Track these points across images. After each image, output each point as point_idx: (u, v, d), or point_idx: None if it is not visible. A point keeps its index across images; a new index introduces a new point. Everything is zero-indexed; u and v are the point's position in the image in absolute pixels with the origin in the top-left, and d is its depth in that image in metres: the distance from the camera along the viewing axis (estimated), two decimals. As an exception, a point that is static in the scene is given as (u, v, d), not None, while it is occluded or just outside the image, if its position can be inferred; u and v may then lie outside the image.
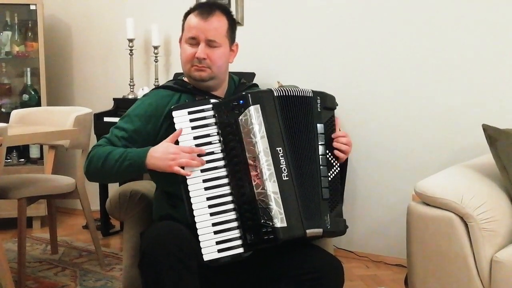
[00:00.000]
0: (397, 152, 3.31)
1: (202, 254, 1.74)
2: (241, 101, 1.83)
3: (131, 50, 3.98)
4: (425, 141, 3.22)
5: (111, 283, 3.03)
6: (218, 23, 1.95)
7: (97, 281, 3.07)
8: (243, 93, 1.88)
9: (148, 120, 1.95)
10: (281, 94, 1.88)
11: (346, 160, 1.95)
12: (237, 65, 3.69)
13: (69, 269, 3.27)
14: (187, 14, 1.99)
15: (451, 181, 2.26)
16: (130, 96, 3.98)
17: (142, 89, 3.91)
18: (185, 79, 2.05)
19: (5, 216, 3.82)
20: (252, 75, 3.50)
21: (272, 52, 3.66)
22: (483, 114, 2.95)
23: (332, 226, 1.82)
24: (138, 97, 3.87)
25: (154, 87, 3.78)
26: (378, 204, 3.39)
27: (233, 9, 3.74)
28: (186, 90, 2.00)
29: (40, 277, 3.15)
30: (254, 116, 1.81)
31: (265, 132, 1.81)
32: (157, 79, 4.00)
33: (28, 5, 4.16)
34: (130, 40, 3.96)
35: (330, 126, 1.92)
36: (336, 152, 1.90)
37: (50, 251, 3.53)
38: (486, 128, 2.34)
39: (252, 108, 1.82)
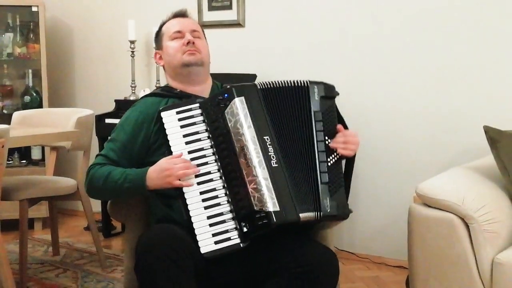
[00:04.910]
0: (398, 154, 3.31)
1: (199, 247, 1.76)
2: (226, 95, 1.88)
3: (132, 52, 3.98)
4: (426, 142, 3.22)
5: (112, 285, 3.04)
6: (196, 22, 2.16)
7: (99, 282, 3.08)
8: (227, 86, 1.92)
9: (141, 126, 1.99)
10: (265, 87, 1.92)
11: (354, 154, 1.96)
12: (238, 67, 3.74)
13: (70, 270, 3.27)
14: (162, 25, 2.15)
15: (452, 182, 2.25)
16: (131, 98, 3.98)
17: (144, 91, 3.91)
18: (171, 84, 2.11)
19: (6, 217, 3.82)
20: (254, 76, 3.50)
21: (273, 54, 3.66)
22: (484, 116, 2.95)
23: (333, 210, 1.83)
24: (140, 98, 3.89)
25: (155, 87, 3.79)
26: (379, 206, 3.39)
27: (234, 10, 3.75)
28: (173, 94, 2.06)
29: (42, 278, 3.15)
30: (239, 108, 1.85)
31: (251, 122, 1.84)
32: (159, 80, 4.00)
33: (30, 6, 4.17)
34: (132, 42, 3.96)
35: (330, 114, 1.94)
36: (331, 145, 1.90)
37: (51, 253, 3.53)
38: (487, 130, 2.33)
39: (237, 100, 1.86)
